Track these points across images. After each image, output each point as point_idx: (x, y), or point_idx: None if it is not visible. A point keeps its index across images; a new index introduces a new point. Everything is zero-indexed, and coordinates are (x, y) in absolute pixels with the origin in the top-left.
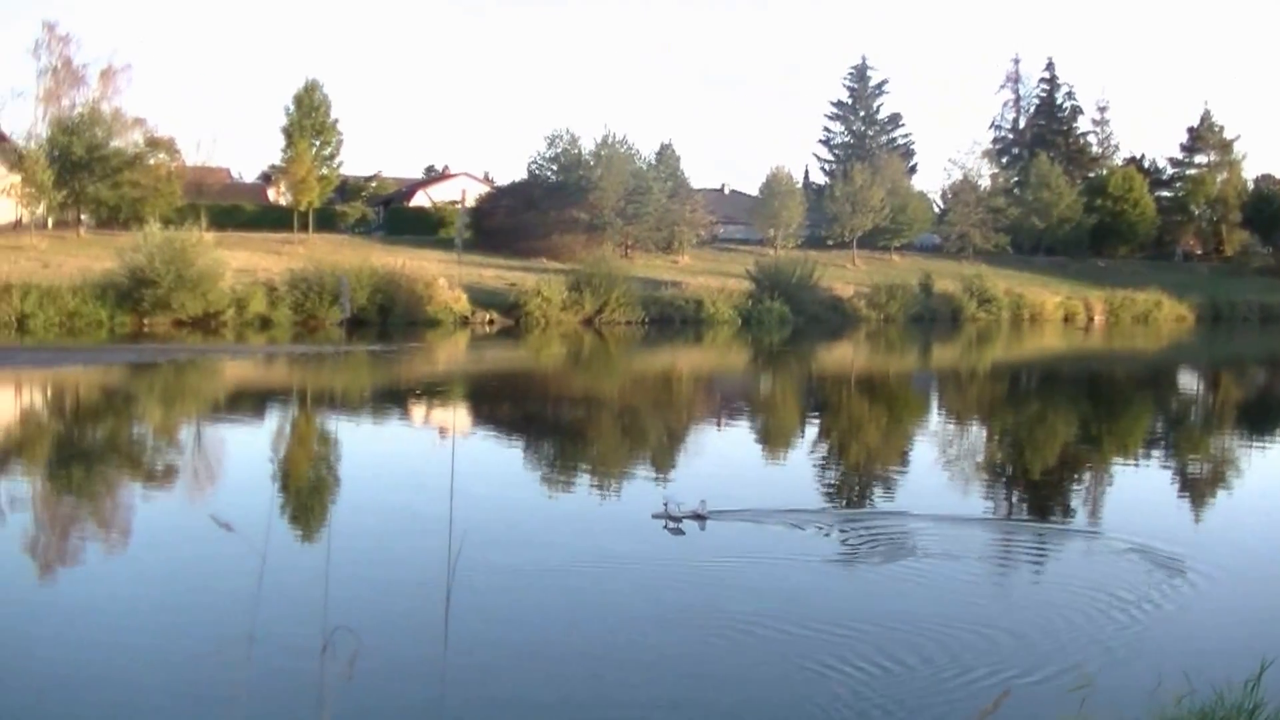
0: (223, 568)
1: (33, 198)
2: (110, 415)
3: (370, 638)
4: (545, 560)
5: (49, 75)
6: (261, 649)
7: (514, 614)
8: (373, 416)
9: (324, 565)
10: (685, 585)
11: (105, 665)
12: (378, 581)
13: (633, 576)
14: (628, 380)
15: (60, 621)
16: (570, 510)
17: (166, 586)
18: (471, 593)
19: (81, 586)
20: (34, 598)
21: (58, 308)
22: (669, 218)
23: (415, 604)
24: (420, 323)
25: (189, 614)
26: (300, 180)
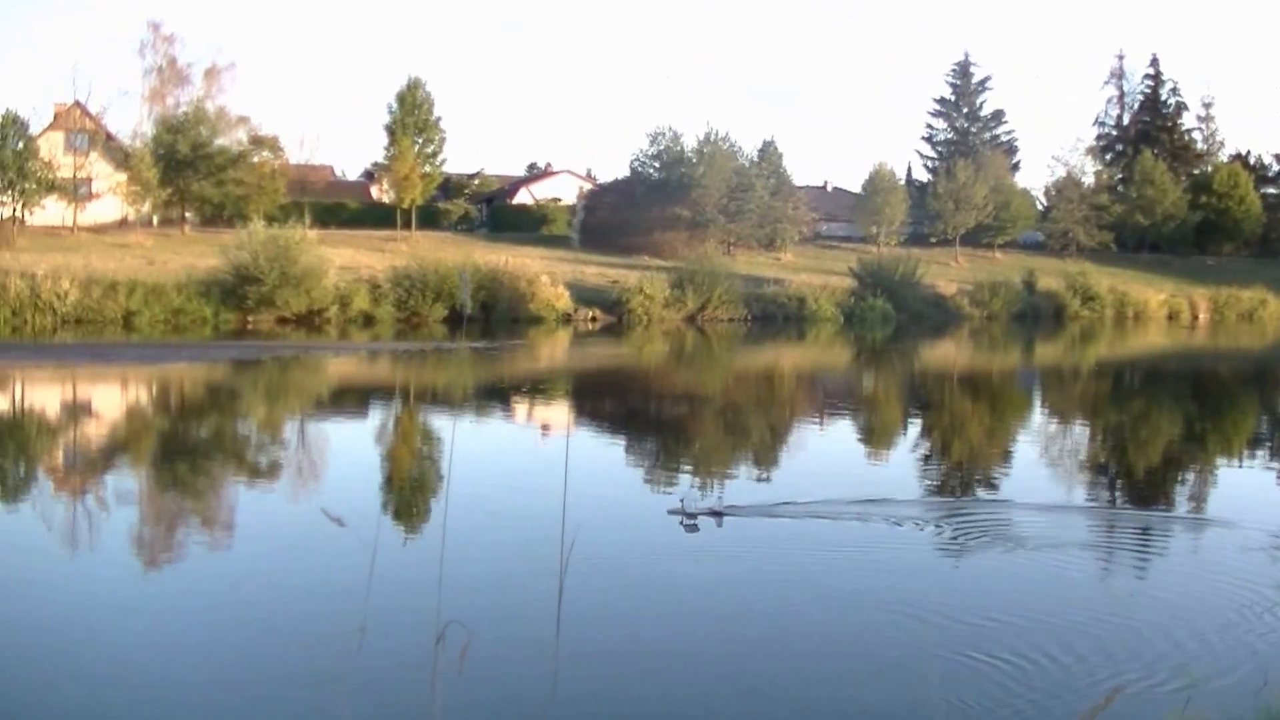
0: (333, 562)
1: (138, 196)
2: (215, 411)
3: (481, 632)
4: (655, 559)
5: (154, 74)
6: (374, 640)
7: (626, 612)
8: (476, 413)
9: (429, 559)
10: (791, 582)
11: (217, 656)
12: (488, 578)
13: (738, 573)
14: (730, 377)
15: (173, 613)
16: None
17: (277, 580)
18: (583, 591)
19: (192, 580)
20: (145, 590)
21: (163, 305)
22: (771, 215)
23: (526, 600)
24: (523, 320)
25: (300, 606)
26: (403, 178)
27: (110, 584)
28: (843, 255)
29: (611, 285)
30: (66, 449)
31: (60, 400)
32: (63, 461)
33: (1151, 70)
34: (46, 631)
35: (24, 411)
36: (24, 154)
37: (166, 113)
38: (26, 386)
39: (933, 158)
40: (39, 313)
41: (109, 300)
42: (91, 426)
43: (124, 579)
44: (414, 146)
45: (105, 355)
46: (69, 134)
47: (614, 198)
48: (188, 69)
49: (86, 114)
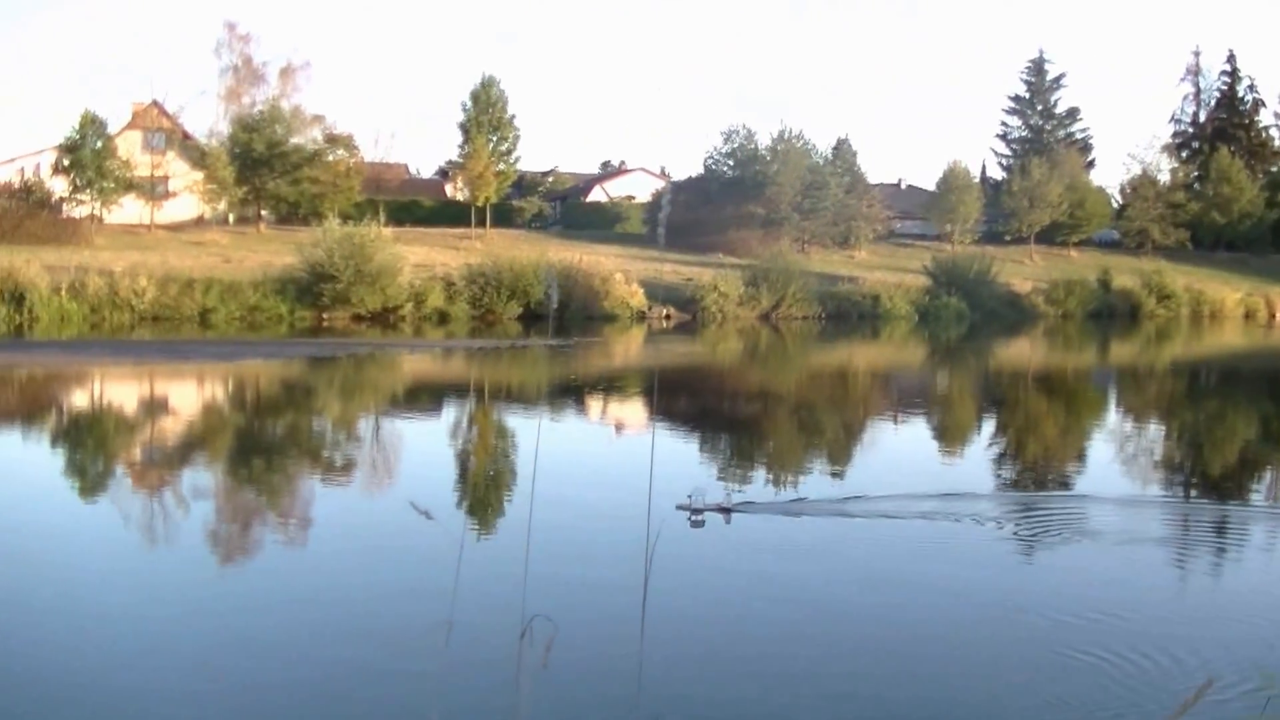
0: (415, 558)
1: (215, 194)
2: (292, 409)
3: (566, 628)
4: (740, 555)
5: (230, 74)
6: (459, 636)
7: (712, 608)
8: (553, 411)
9: (512, 555)
10: (876, 578)
11: (299, 653)
12: (572, 574)
13: (823, 570)
14: (804, 376)
15: (253, 610)
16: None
17: (359, 576)
18: (668, 587)
19: (272, 576)
20: (225, 587)
21: (239, 302)
22: (846, 213)
23: (611, 596)
24: (597, 317)
25: (384, 602)
26: (478, 176)
27: (189, 580)
28: (917, 253)
29: (686, 283)
30: (145, 446)
31: (138, 397)
32: (141, 458)
33: (1228, 67)
34: (127, 627)
35: (103, 408)
36: (102, 153)
37: (242, 111)
38: (105, 383)
39: (1007, 155)
40: (117, 310)
41: (186, 298)
42: (169, 423)
43: (203, 575)
44: (488, 144)
45: (182, 352)
46: (146, 133)
47: (688, 196)
48: (263, 68)
49: (164, 113)
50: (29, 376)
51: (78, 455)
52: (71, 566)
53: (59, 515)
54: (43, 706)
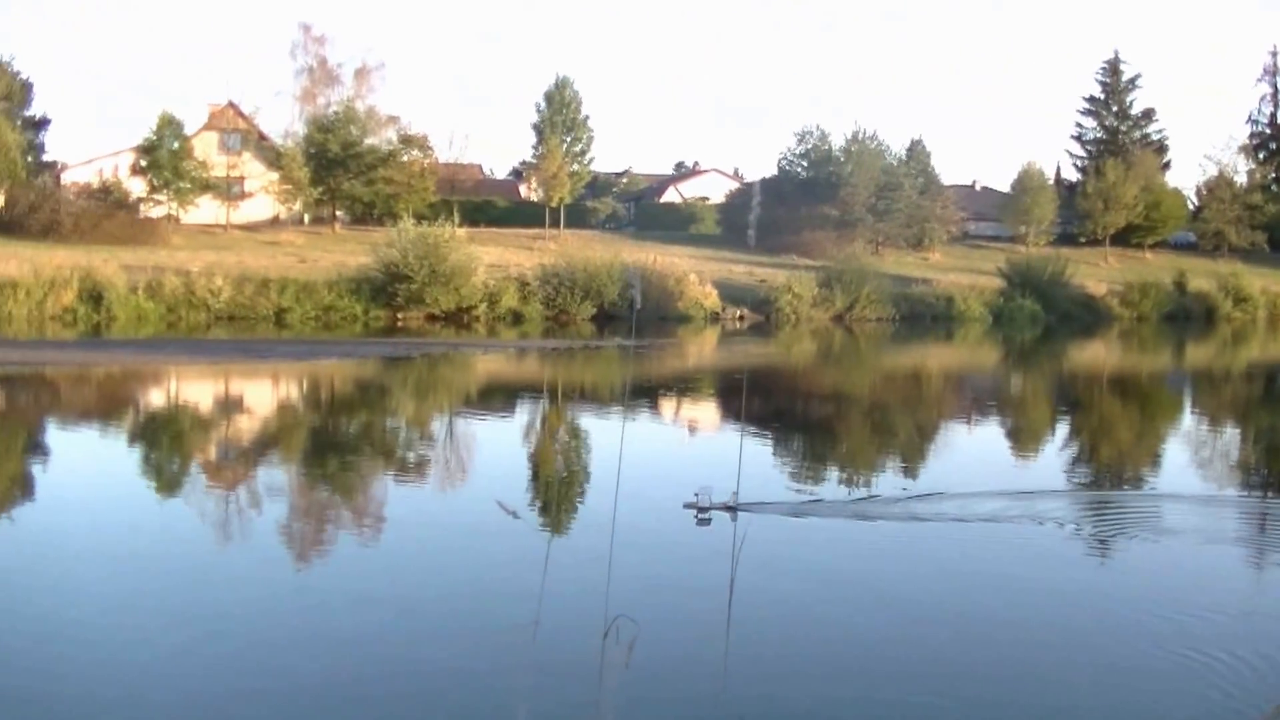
0: (498, 557)
1: (290, 195)
2: (368, 408)
3: (649, 628)
4: (823, 555)
5: (305, 75)
6: (543, 634)
7: (798, 609)
8: (628, 411)
9: (593, 555)
10: (957, 580)
11: (383, 651)
12: (654, 574)
13: (900, 572)
14: (878, 377)
15: (333, 608)
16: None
17: (441, 574)
18: (753, 588)
19: (353, 575)
20: (307, 584)
21: (314, 302)
22: (919, 214)
23: (693, 598)
24: (671, 318)
25: (468, 600)
26: (551, 176)
27: (270, 578)
28: (991, 255)
29: (759, 284)
30: (222, 444)
31: (214, 396)
32: (218, 457)
33: None
34: (209, 626)
35: (180, 407)
36: (179, 154)
37: (317, 112)
38: (181, 382)
39: (1082, 157)
40: (193, 309)
41: (261, 297)
42: (246, 422)
43: (284, 574)
44: (562, 145)
45: (257, 352)
46: (223, 134)
47: (762, 197)
48: (338, 69)
49: (240, 114)
50: (106, 375)
51: (156, 453)
52: (151, 564)
53: (139, 513)
54: (128, 699)
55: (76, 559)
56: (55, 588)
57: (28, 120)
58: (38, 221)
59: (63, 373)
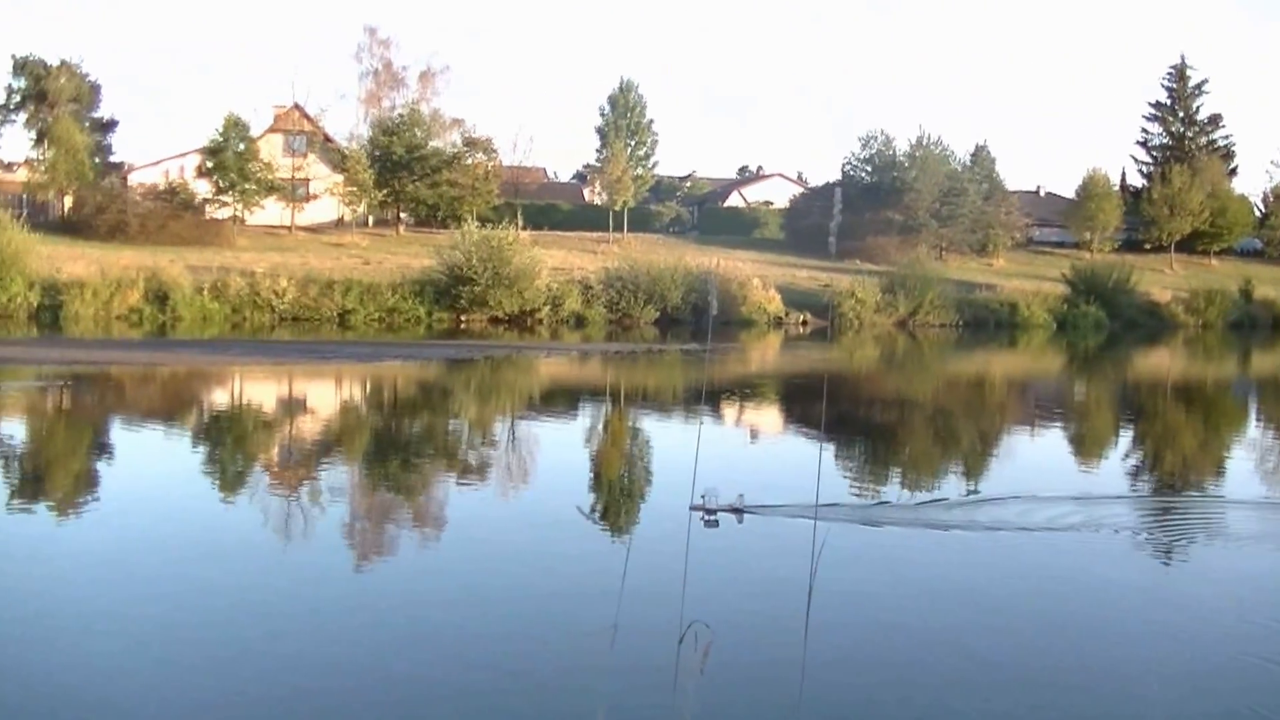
0: (571, 560)
1: (354, 197)
2: (429, 410)
3: (725, 634)
4: (903, 563)
5: (370, 78)
6: (619, 636)
7: (876, 615)
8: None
9: (668, 559)
10: (1038, 587)
11: (461, 651)
12: (730, 579)
13: (976, 580)
14: (941, 383)
15: (424, 608)
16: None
17: (514, 577)
18: (828, 595)
19: (430, 578)
20: (388, 587)
21: (378, 304)
22: (984, 220)
23: (770, 604)
24: (734, 323)
25: (545, 603)
26: (615, 180)
27: (344, 578)
28: (1055, 261)
29: (823, 289)
30: (289, 445)
31: (279, 397)
32: (286, 456)
33: None
34: (282, 624)
35: (244, 407)
36: (245, 156)
37: (382, 115)
38: (245, 383)
39: (1147, 163)
40: (258, 310)
41: (325, 299)
42: (311, 423)
43: (360, 575)
44: (626, 149)
45: (321, 353)
46: (288, 136)
47: (825, 201)
48: (403, 72)
49: (305, 116)
50: (171, 374)
51: (222, 453)
52: (225, 562)
53: (203, 512)
54: (205, 696)
55: (144, 555)
56: (123, 584)
57: (95, 122)
58: (105, 222)
59: (129, 372)
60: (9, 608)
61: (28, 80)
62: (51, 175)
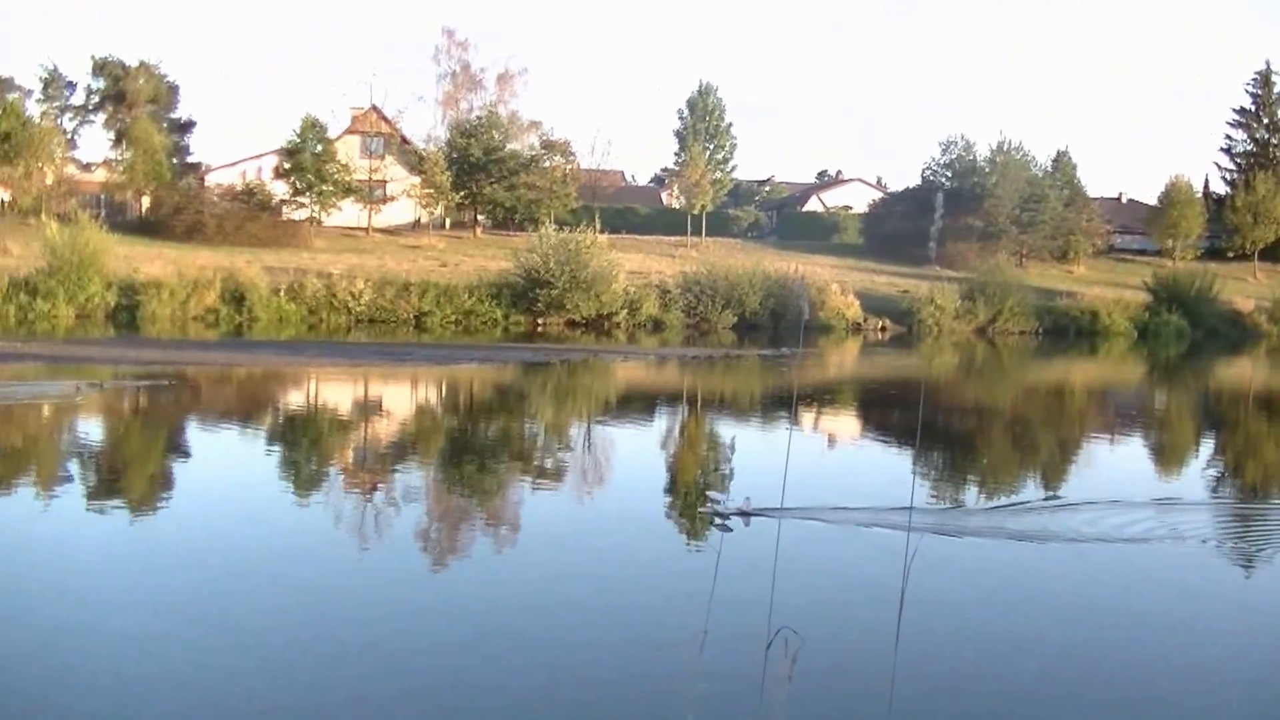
0: (661, 565)
1: (432, 199)
2: (504, 412)
3: (813, 641)
4: (998, 571)
5: (448, 80)
6: (708, 642)
7: (969, 624)
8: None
9: (756, 565)
10: (1131, 597)
11: (542, 656)
12: (819, 586)
13: (1057, 589)
14: (1020, 391)
15: (512, 613)
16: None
17: (600, 581)
18: (917, 603)
19: (522, 582)
20: (474, 591)
21: (454, 306)
22: (1064, 226)
23: (859, 611)
24: (812, 328)
25: (635, 610)
26: (694, 184)
27: (426, 582)
28: (1137, 269)
29: (902, 295)
30: (360, 447)
31: (354, 398)
32: (357, 459)
33: None
34: (373, 627)
35: (320, 409)
36: (322, 157)
37: (460, 117)
38: (321, 384)
39: (1231, 170)
40: (334, 312)
41: (402, 301)
42: (385, 425)
43: (442, 578)
44: (705, 152)
45: (397, 355)
46: (365, 138)
47: (905, 206)
48: (481, 74)
49: (383, 118)
50: (248, 375)
51: (299, 454)
52: (294, 564)
53: (280, 513)
54: (283, 694)
55: (224, 555)
56: (200, 583)
57: (174, 123)
58: (182, 223)
59: (206, 373)
60: (87, 605)
61: (107, 81)
62: (130, 176)
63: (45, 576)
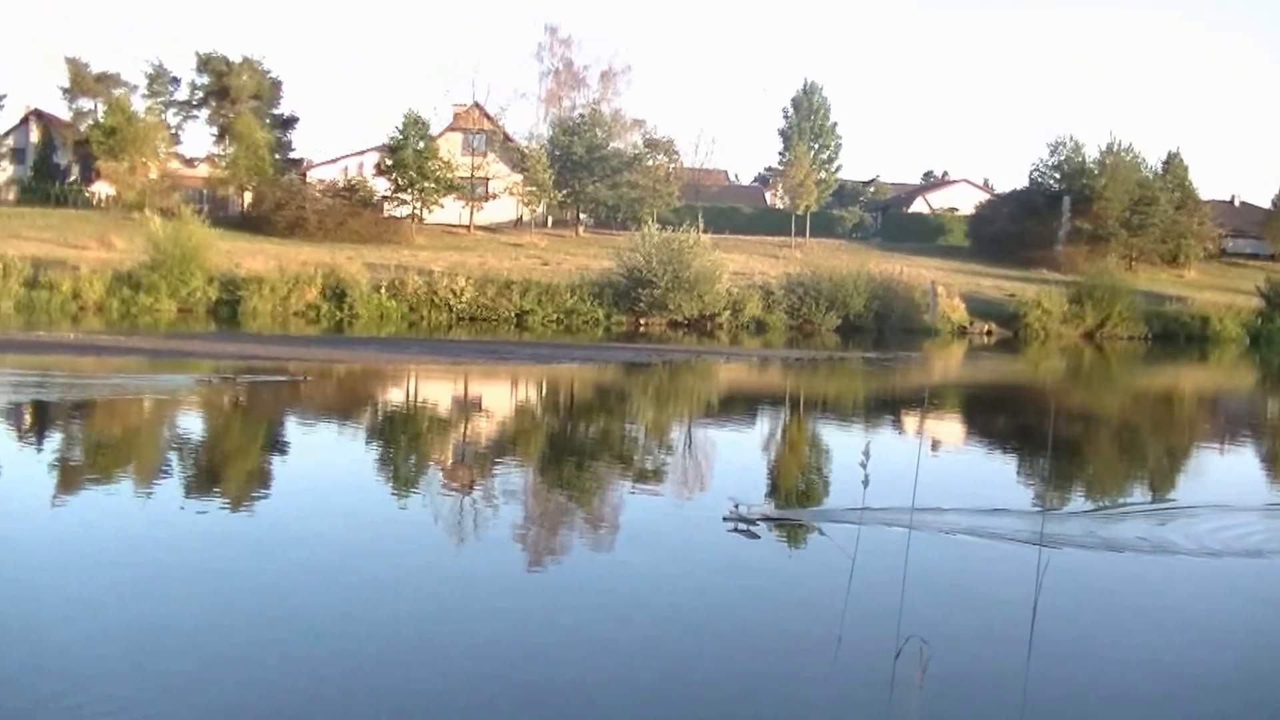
0: (794, 570)
1: (534, 197)
2: (604, 412)
3: (943, 651)
4: (1135, 580)
5: (550, 77)
6: (831, 649)
7: (1105, 637)
8: (877, 424)
9: (885, 573)
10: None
11: (690, 653)
12: (949, 597)
13: (1185, 603)
14: (1128, 397)
15: (645, 618)
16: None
17: (733, 583)
18: (1056, 611)
19: (651, 581)
20: (617, 592)
21: (555, 305)
22: (1175, 229)
23: (989, 621)
24: (916, 331)
25: (768, 614)
26: (798, 184)
27: (542, 584)
28: (1249, 273)
29: (1008, 298)
30: (458, 444)
31: (453, 396)
32: (455, 456)
33: None
34: (455, 631)
35: (419, 406)
36: (424, 154)
37: (562, 115)
38: (421, 382)
39: None
40: (435, 309)
41: (503, 299)
42: (484, 423)
43: (557, 580)
44: (809, 152)
45: (498, 353)
46: (467, 135)
47: (1011, 208)
48: (584, 72)
49: (485, 115)
50: (348, 372)
51: (396, 451)
52: (388, 560)
53: (376, 510)
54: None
55: (321, 550)
56: (300, 577)
57: (276, 118)
58: (284, 218)
59: (306, 368)
60: (182, 597)
61: (210, 77)
62: (232, 171)
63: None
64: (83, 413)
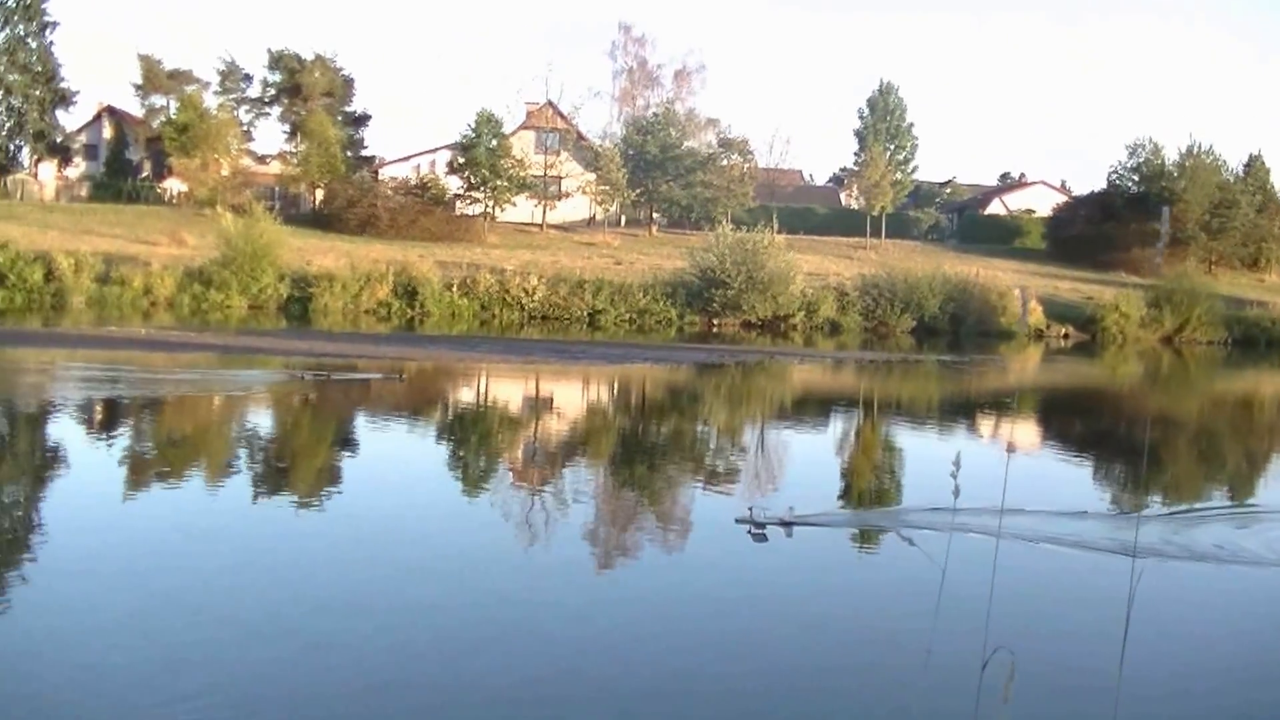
0: (881, 577)
1: (607, 196)
2: (676, 413)
3: (1030, 665)
4: (1224, 591)
5: (624, 76)
6: (915, 659)
7: (1195, 651)
8: (956, 427)
9: (972, 584)
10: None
11: (781, 652)
12: (1037, 609)
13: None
14: (1206, 403)
15: (738, 618)
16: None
17: (821, 587)
18: (1149, 625)
19: (743, 585)
20: (711, 594)
21: (628, 305)
22: (1256, 233)
23: (1079, 637)
24: (992, 334)
25: (856, 620)
26: (873, 185)
27: (615, 583)
28: None
29: (1086, 301)
30: (529, 443)
31: (524, 395)
32: (525, 455)
33: None
34: (516, 629)
35: (490, 405)
36: (497, 152)
37: (636, 114)
38: (492, 380)
39: None
40: (507, 308)
41: (575, 298)
42: (555, 422)
43: (637, 580)
44: (885, 153)
45: (570, 353)
46: (540, 133)
47: (1089, 211)
48: (657, 70)
49: (558, 114)
50: (419, 369)
51: (466, 450)
52: (459, 560)
53: (446, 509)
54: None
55: (393, 548)
56: (367, 572)
57: (348, 116)
58: (355, 216)
59: (376, 366)
60: (250, 595)
61: (283, 74)
62: (304, 168)
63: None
64: (184, 409)
